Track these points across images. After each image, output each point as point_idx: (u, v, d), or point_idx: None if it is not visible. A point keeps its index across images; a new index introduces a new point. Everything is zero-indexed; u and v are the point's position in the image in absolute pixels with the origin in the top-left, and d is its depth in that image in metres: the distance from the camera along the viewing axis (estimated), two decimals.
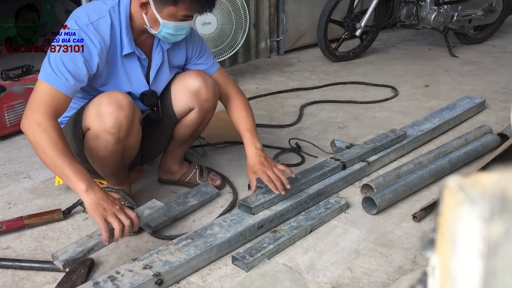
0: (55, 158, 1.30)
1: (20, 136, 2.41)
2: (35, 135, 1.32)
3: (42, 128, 1.32)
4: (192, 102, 1.69)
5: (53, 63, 1.39)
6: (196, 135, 1.86)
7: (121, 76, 1.57)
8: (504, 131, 2.27)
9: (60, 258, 1.24)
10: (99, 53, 1.44)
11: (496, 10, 4.17)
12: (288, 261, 1.47)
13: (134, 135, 1.55)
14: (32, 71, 2.50)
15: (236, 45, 3.16)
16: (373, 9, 3.70)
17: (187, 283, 1.38)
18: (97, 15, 1.46)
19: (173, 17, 1.48)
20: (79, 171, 1.30)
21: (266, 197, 1.64)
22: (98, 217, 1.26)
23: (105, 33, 1.46)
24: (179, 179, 1.91)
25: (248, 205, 1.60)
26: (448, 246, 0.32)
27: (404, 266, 1.44)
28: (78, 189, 1.29)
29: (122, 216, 1.28)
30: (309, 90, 3.17)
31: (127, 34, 1.51)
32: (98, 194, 1.30)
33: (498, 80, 3.33)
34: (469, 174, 0.31)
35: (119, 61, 1.54)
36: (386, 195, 1.71)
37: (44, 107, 1.35)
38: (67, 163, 1.30)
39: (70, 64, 1.39)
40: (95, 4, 1.52)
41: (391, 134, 2.17)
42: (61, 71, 1.38)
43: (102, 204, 1.28)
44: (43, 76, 1.40)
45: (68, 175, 1.30)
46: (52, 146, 1.30)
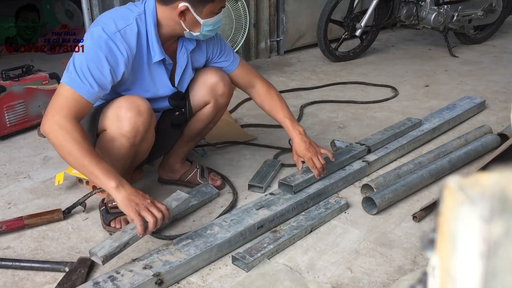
0: (82, 159, 1.31)
1: (20, 136, 2.42)
2: (58, 137, 1.33)
3: (65, 130, 1.33)
4: (208, 96, 1.73)
5: (79, 68, 1.39)
6: (205, 133, 1.87)
7: (146, 82, 1.58)
8: (504, 131, 2.27)
9: (99, 254, 1.27)
10: (125, 61, 1.45)
11: (496, 10, 4.17)
12: (288, 261, 1.47)
13: (148, 141, 1.57)
14: (32, 71, 2.50)
15: (236, 45, 3.16)
16: (373, 9, 3.70)
17: (187, 283, 1.38)
18: (124, 22, 1.46)
19: (212, 13, 1.51)
20: (107, 169, 1.33)
21: (305, 177, 1.76)
22: (132, 212, 1.30)
23: (131, 41, 1.46)
24: (180, 178, 1.91)
25: (288, 184, 1.72)
26: (448, 246, 0.32)
27: (404, 266, 1.44)
28: (109, 186, 1.31)
29: (154, 210, 1.32)
30: (309, 90, 3.17)
31: (157, 42, 1.52)
32: (129, 190, 1.32)
33: (498, 80, 3.33)
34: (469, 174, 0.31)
35: (145, 68, 1.55)
36: (386, 195, 1.71)
37: (66, 110, 1.35)
38: (95, 163, 1.32)
39: (96, 71, 1.39)
40: (121, 11, 1.52)
41: (408, 122, 2.34)
42: (86, 77, 1.38)
43: (134, 199, 1.31)
44: (67, 80, 1.39)
45: (97, 174, 1.32)
46: (77, 147, 1.32)
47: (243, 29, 3.14)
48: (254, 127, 2.52)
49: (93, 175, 1.33)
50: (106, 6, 3.01)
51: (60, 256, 1.50)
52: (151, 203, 1.34)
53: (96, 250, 1.29)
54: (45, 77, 2.48)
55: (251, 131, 2.47)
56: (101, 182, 1.33)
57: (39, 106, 2.48)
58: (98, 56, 1.40)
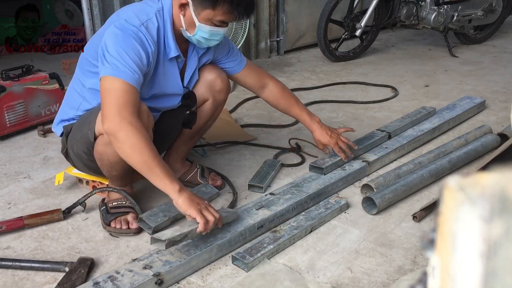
0: (151, 159, 1.34)
1: (20, 136, 2.42)
2: (130, 136, 1.33)
3: (136, 129, 1.34)
4: (206, 93, 1.75)
5: (118, 57, 1.39)
6: (203, 130, 1.88)
7: (159, 77, 1.59)
8: (504, 131, 2.27)
9: (163, 237, 1.30)
10: (153, 53, 1.47)
11: (496, 10, 4.17)
12: (288, 261, 1.47)
13: None
14: (32, 71, 2.50)
15: (236, 45, 3.16)
16: (373, 9, 3.70)
17: (187, 283, 1.38)
18: (146, 16, 1.48)
19: (209, 21, 1.50)
20: (170, 172, 1.38)
21: (333, 160, 1.92)
22: (195, 211, 1.35)
23: (154, 35, 1.48)
24: (180, 178, 1.91)
25: (319, 166, 1.87)
26: (448, 246, 0.32)
27: (404, 266, 1.44)
28: (172, 189, 1.36)
29: (212, 210, 1.39)
30: (309, 90, 3.17)
31: (173, 39, 1.53)
32: (189, 193, 1.39)
33: (498, 80, 3.33)
34: (469, 174, 0.31)
35: (161, 63, 1.56)
36: (386, 195, 1.71)
37: (130, 106, 1.37)
38: (162, 165, 1.37)
39: (136, 58, 1.41)
40: (140, 6, 1.54)
41: (423, 110, 2.48)
42: (128, 64, 1.39)
43: (196, 200, 1.38)
44: (111, 71, 1.38)
45: (162, 176, 1.35)
46: (149, 148, 1.35)
47: (243, 29, 3.14)
48: (254, 127, 2.52)
49: (154, 175, 1.36)
50: (106, 6, 3.01)
51: (60, 256, 1.50)
52: (209, 206, 1.41)
53: (160, 235, 1.32)
54: (45, 77, 2.48)
55: (251, 131, 2.47)
56: (164, 183, 1.35)
57: (39, 106, 2.48)
58: (133, 44, 1.41)
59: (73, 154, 1.66)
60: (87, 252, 1.52)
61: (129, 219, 1.60)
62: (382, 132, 2.22)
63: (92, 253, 1.51)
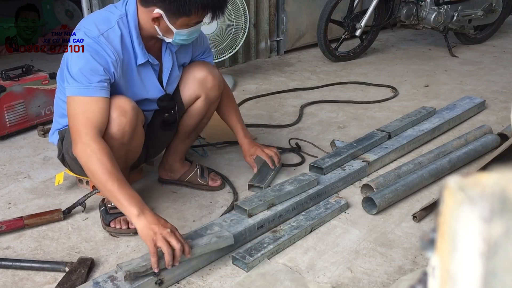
0: (106, 182, 1.31)
1: (20, 136, 2.42)
2: (84, 159, 1.34)
3: (92, 152, 1.34)
4: (198, 90, 1.73)
5: (77, 76, 1.40)
6: (200, 128, 1.87)
7: (137, 85, 1.58)
8: (504, 131, 2.27)
9: (124, 268, 1.24)
10: (114, 63, 1.45)
11: (496, 10, 4.16)
12: (288, 261, 1.47)
13: (137, 139, 1.56)
14: (32, 71, 2.50)
15: (236, 45, 3.16)
16: (373, 9, 3.70)
17: (187, 283, 1.38)
18: (106, 26, 1.46)
19: (186, 26, 1.49)
20: (130, 195, 1.31)
21: (333, 160, 1.93)
22: (148, 241, 1.26)
23: (116, 43, 1.46)
24: (180, 178, 1.91)
25: (319, 166, 1.88)
26: (448, 246, 0.32)
27: (404, 266, 1.44)
28: (130, 213, 1.30)
29: (172, 240, 1.26)
30: (309, 90, 3.17)
31: (139, 44, 1.52)
32: (149, 218, 1.29)
33: (498, 80, 3.33)
34: (469, 174, 0.31)
35: (134, 71, 1.55)
36: (386, 195, 1.71)
37: (91, 127, 1.37)
38: (118, 187, 1.31)
39: (92, 74, 1.40)
40: (101, 14, 1.52)
41: (423, 110, 2.48)
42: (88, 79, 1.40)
43: (153, 228, 1.26)
44: (73, 91, 1.41)
45: (119, 199, 1.31)
46: (102, 170, 1.32)
47: (243, 29, 3.13)
48: (254, 127, 2.52)
49: (115, 199, 1.32)
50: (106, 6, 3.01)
51: (60, 256, 1.50)
52: (171, 233, 1.27)
53: (123, 265, 1.26)
54: (45, 77, 2.48)
55: (251, 131, 2.46)
56: (123, 207, 1.31)
57: (39, 106, 2.48)
58: (87, 59, 1.40)
59: (69, 158, 1.66)
60: (87, 252, 1.52)
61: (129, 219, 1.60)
62: (382, 132, 2.23)
63: (92, 253, 1.51)
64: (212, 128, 2.08)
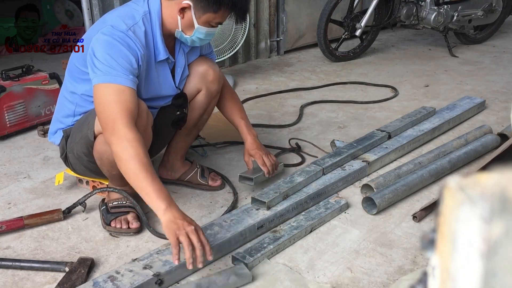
0: (139, 173, 1.30)
1: (20, 136, 2.42)
2: (119, 147, 1.33)
3: (126, 140, 1.32)
4: (199, 83, 1.75)
5: (106, 63, 1.39)
6: (200, 125, 1.87)
7: (154, 82, 1.61)
8: (504, 131, 2.27)
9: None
10: (142, 57, 1.47)
11: (496, 10, 4.16)
12: (288, 261, 1.47)
13: (146, 141, 1.56)
14: (32, 71, 2.50)
15: (236, 45, 3.16)
16: (373, 9, 3.70)
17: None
18: (132, 21, 1.48)
19: (208, 23, 1.53)
20: (160, 189, 1.30)
21: (333, 160, 1.92)
22: (171, 234, 1.24)
23: (142, 39, 1.49)
24: (180, 178, 1.91)
25: (319, 166, 1.86)
26: (448, 246, 0.32)
27: (404, 266, 1.44)
28: (158, 207, 1.28)
29: (194, 237, 1.24)
30: (309, 90, 3.17)
31: (162, 41, 1.54)
32: (176, 214, 1.28)
33: (498, 80, 3.33)
34: (469, 174, 0.31)
35: (153, 67, 1.57)
36: (386, 195, 1.71)
37: (123, 116, 1.35)
38: (151, 180, 1.30)
39: (124, 62, 1.41)
40: (126, 10, 1.54)
41: (423, 110, 2.47)
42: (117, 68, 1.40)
43: (178, 223, 1.25)
44: (102, 79, 1.39)
45: (149, 192, 1.29)
46: (136, 160, 1.31)
47: (243, 29, 3.13)
48: (254, 127, 2.49)
49: (144, 192, 1.30)
50: (106, 6, 3.01)
51: (60, 256, 1.50)
52: (194, 231, 1.25)
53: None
54: (45, 77, 2.48)
55: None
56: (151, 200, 1.29)
57: (39, 106, 2.48)
58: (121, 49, 1.42)
59: (73, 157, 1.66)
60: (87, 252, 1.52)
61: (129, 219, 1.60)
62: (382, 132, 2.23)
63: (92, 253, 1.51)
64: (212, 128, 2.08)
